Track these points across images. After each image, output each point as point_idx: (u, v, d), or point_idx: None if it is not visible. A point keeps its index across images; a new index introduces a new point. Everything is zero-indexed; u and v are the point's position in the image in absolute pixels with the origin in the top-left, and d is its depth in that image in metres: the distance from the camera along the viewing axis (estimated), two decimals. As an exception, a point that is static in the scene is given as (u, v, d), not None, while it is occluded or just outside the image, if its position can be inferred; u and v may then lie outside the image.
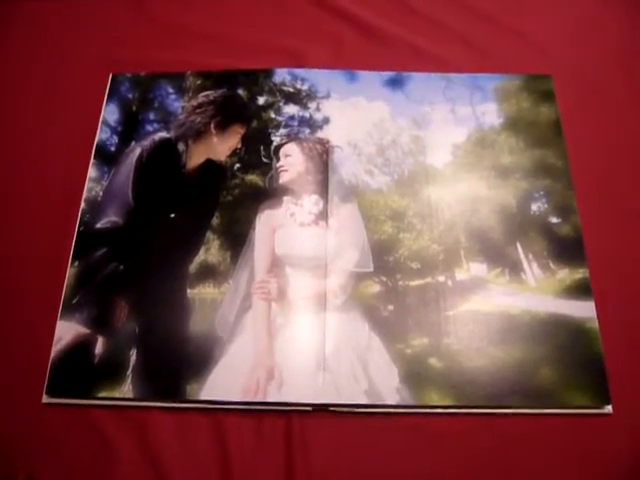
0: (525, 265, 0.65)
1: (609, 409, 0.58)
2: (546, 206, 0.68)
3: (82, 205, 0.69)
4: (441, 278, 0.64)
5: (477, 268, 0.65)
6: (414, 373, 0.59)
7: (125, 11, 0.84)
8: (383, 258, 0.65)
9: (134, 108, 0.75)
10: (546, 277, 0.64)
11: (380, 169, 0.70)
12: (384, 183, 0.69)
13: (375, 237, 0.66)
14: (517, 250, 0.66)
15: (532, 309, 0.62)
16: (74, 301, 0.64)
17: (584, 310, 0.62)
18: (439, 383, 0.58)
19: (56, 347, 0.61)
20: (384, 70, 0.76)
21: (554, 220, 0.67)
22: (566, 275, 0.64)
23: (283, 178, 0.69)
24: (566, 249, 0.65)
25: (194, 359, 0.60)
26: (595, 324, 0.61)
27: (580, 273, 0.64)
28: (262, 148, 0.71)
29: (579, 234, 0.66)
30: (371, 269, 0.64)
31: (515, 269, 0.65)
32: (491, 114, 0.74)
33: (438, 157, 0.71)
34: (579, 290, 0.63)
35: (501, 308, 0.63)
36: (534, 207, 0.68)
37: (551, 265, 0.65)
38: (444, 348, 0.60)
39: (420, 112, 0.74)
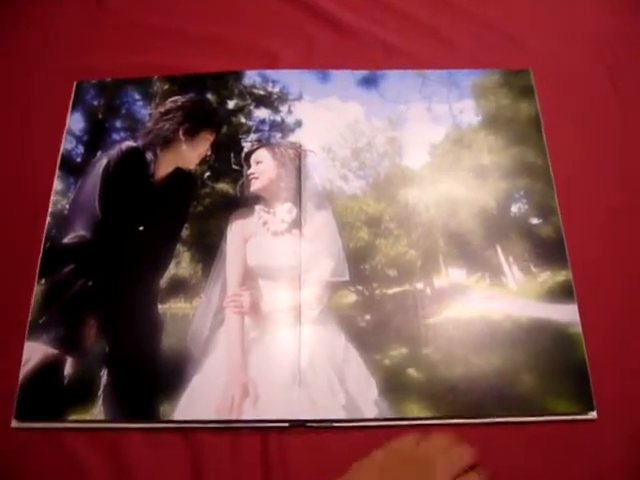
0: (506, 269, 0.63)
1: (593, 415, 0.56)
2: (526, 207, 0.66)
3: (48, 219, 0.66)
4: (419, 285, 0.62)
5: (456, 273, 0.63)
6: (393, 385, 0.57)
7: (88, 13, 0.81)
8: (359, 266, 0.63)
9: (100, 116, 0.72)
10: (527, 280, 0.62)
11: (355, 173, 0.68)
12: (359, 187, 0.67)
13: (351, 244, 0.64)
14: (497, 253, 0.64)
15: (513, 314, 0.60)
16: (41, 321, 0.61)
17: (567, 314, 0.60)
18: (418, 394, 0.57)
19: (24, 369, 0.59)
20: (358, 68, 0.74)
21: (535, 221, 0.65)
22: (548, 278, 0.62)
23: (254, 186, 0.67)
24: (547, 251, 0.63)
25: (167, 377, 0.58)
26: (578, 328, 0.59)
27: (562, 275, 0.62)
28: (232, 155, 0.69)
29: (560, 235, 0.64)
30: (347, 278, 0.62)
31: (495, 273, 0.63)
32: (469, 112, 0.71)
33: (415, 158, 0.69)
34: (561, 293, 0.61)
35: (481, 314, 0.61)
36: (514, 208, 0.66)
37: (532, 268, 0.63)
38: (423, 358, 0.59)
39: (396, 112, 0.71)
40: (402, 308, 0.61)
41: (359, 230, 0.64)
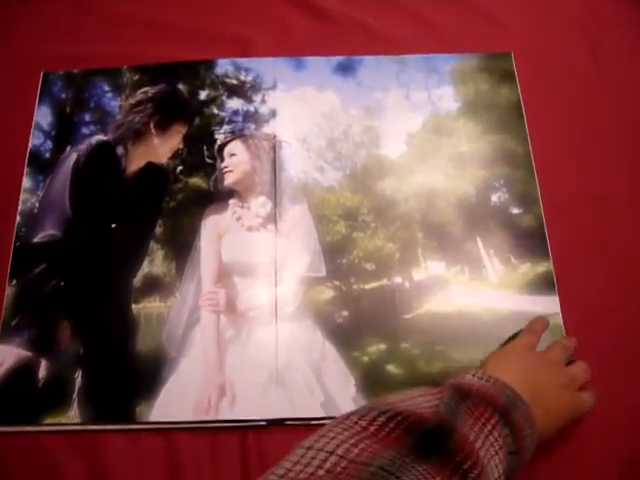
0: (486, 261, 0.62)
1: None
2: (506, 196, 0.64)
3: (17, 218, 0.65)
4: (398, 279, 0.61)
5: (435, 267, 0.62)
6: (371, 381, 0.57)
7: (55, 2, 0.77)
8: (336, 261, 0.62)
9: (68, 109, 0.70)
10: (508, 272, 0.61)
11: (331, 164, 0.66)
12: (335, 179, 0.65)
13: (327, 239, 0.62)
14: (477, 245, 0.63)
15: (493, 307, 0.60)
16: (14, 323, 0.60)
17: (548, 305, 0.59)
18: (397, 390, 0.55)
19: (-2, 372, 0.59)
20: (335, 54, 0.71)
21: (515, 211, 0.64)
22: (528, 269, 0.61)
23: (228, 179, 0.65)
24: (528, 241, 0.62)
25: (142, 378, 0.57)
26: (559, 320, 0.58)
27: (543, 266, 0.61)
28: (205, 148, 0.67)
29: (541, 224, 0.63)
30: (323, 273, 0.61)
31: (475, 266, 0.62)
32: (447, 98, 0.69)
33: (392, 148, 0.67)
34: (542, 285, 0.60)
35: (461, 308, 0.60)
36: (494, 198, 0.65)
37: (512, 260, 0.62)
38: (402, 353, 0.58)
39: (373, 100, 0.69)
40: (380, 303, 0.60)
41: (336, 224, 0.63)
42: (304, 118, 0.68)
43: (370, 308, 0.60)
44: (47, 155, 0.68)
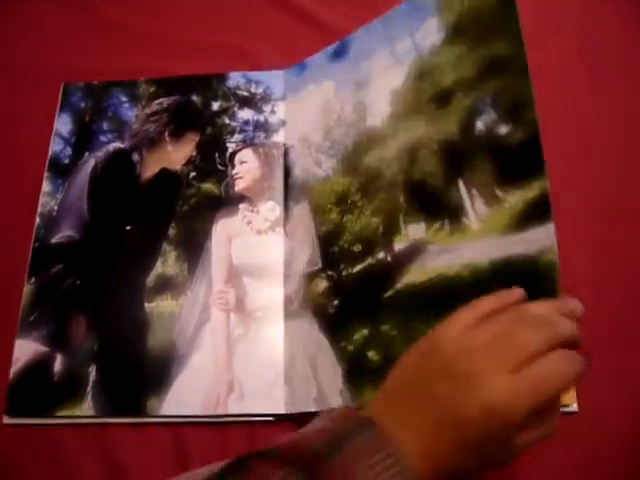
0: (467, 206, 0.56)
1: (574, 407, 0.51)
2: (493, 116, 0.57)
3: (37, 220, 0.68)
4: (380, 255, 0.59)
5: (415, 230, 0.58)
6: (355, 371, 0.56)
7: (74, 17, 0.81)
8: (329, 250, 0.62)
9: (87, 118, 0.73)
10: (493, 212, 0.54)
11: (326, 153, 0.67)
12: (330, 168, 0.66)
13: (322, 230, 0.63)
14: (459, 191, 0.57)
15: (473, 261, 0.53)
16: (31, 319, 0.63)
17: (539, 239, 0.50)
18: (375, 379, 0.49)
19: (15, 367, 0.61)
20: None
21: (504, 129, 0.56)
22: (518, 199, 0.53)
23: (239, 185, 0.68)
24: (519, 162, 0.54)
25: (153, 374, 0.60)
26: (552, 256, 0.49)
27: (536, 188, 0.52)
28: (217, 155, 0.70)
29: (534, 133, 0.53)
30: (319, 266, 0.62)
31: (456, 216, 0.56)
32: (431, 32, 0.63)
33: (377, 115, 0.64)
34: (534, 213, 0.52)
35: (440, 271, 0.55)
36: (479, 124, 0.57)
37: (498, 193, 0.54)
38: (381, 337, 0.55)
39: (361, 72, 0.67)
40: (365, 285, 0.59)
41: (330, 212, 0.63)
42: (309, 121, 0.69)
43: (357, 293, 0.59)
44: (66, 161, 0.71)
